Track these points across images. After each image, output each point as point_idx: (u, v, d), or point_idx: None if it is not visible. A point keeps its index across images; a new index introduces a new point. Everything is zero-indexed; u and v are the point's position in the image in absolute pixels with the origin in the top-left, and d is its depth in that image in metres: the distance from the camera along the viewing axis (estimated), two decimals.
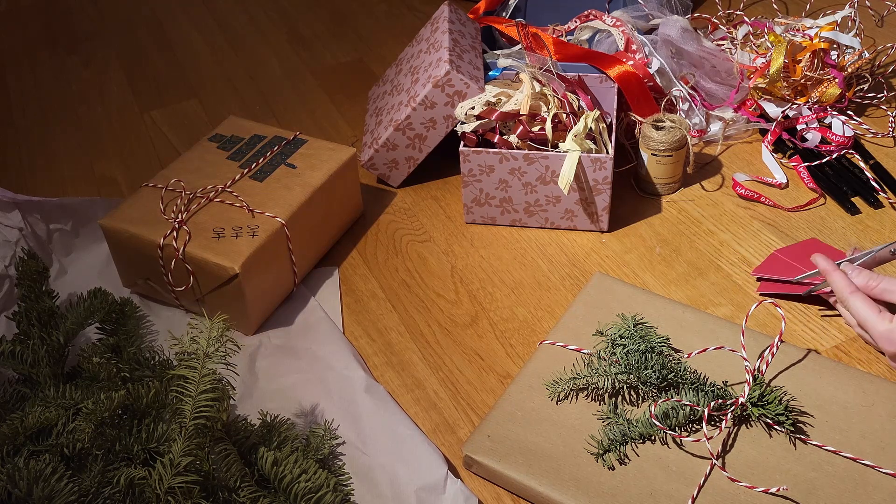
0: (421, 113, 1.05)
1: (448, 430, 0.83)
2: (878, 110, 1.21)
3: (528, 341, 0.92)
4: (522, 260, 1.02)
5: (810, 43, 1.14)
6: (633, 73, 1.11)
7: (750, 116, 1.16)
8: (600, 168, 0.97)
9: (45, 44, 1.57)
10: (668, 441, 0.76)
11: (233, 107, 1.35)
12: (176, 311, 0.97)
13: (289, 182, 0.98)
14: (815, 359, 0.83)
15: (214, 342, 0.70)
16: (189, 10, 1.66)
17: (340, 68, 1.43)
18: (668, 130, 1.04)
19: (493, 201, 1.04)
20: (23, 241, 1.00)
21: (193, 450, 0.67)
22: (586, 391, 0.80)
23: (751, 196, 1.07)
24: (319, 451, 0.77)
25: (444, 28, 1.11)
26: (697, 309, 0.90)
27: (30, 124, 1.35)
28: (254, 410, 0.83)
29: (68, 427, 0.71)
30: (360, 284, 1.01)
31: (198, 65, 1.48)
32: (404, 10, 1.60)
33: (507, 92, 1.05)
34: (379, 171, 1.13)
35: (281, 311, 0.96)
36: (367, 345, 0.93)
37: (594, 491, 0.72)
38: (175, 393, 0.69)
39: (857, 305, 0.83)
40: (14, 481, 0.64)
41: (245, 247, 0.89)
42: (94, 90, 1.43)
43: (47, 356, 0.82)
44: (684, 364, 0.80)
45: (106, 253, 1.02)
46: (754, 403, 0.75)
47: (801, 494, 0.72)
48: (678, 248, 1.02)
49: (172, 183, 0.97)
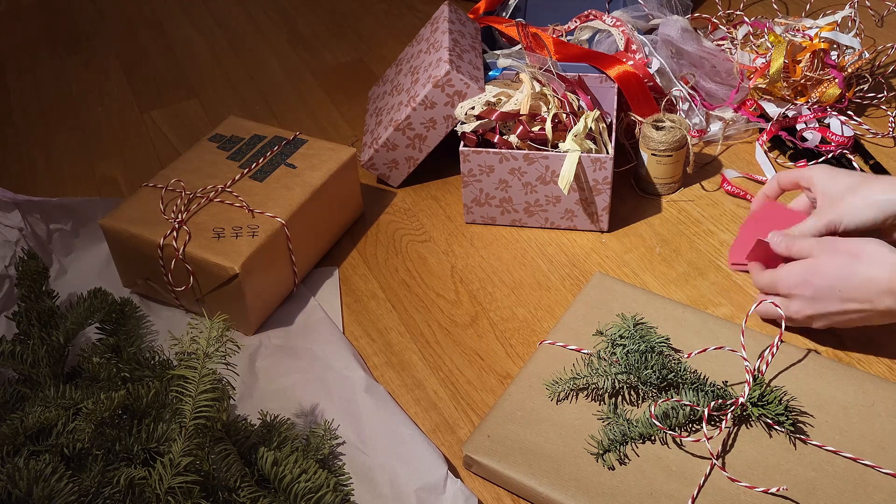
0: (421, 113, 1.05)
1: (448, 430, 0.83)
2: (878, 110, 1.21)
3: (528, 341, 0.92)
4: (522, 260, 1.02)
5: (810, 43, 1.14)
6: (633, 73, 1.11)
7: (750, 116, 1.16)
8: (600, 168, 0.97)
9: (45, 44, 1.57)
10: (668, 441, 0.76)
11: (233, 107, 1.35)
12: (176, 311, 0.97)
13: (289, 182, 0.98)
14: (815, 359, 0.83)
15: (214, 342, 0.70)
16: (189, 10, 1.66)
17: (340, 68, 1.43)
18: (668, 130, 1.04)
19: (493, 201, 1.04)
20: (23, 241, 1.00)
21: (193, 450, 0.67)
22: (586, 391, 0.81)
23: (738, 193, 1.07)
24: (319, 451, 0.77)
25: (444, 28, 1.11)
26: (697, 309, 0.90)
27: (30, 124, 1.35)
28: (254, 410, 0.83)
29: (68, 427, 0.71)
30: (360, 284, 1.01)
31: (198, 65, 1.48)
32: (404, 10, 1.60)
33: (507, 92, 1.05)
34: (379, 171, 1.13)
35: (281, 311, 0.96)
36: (367, 345, 0.93)
37: (594, 491, 0.72)
38: (175, 393, 0.69)
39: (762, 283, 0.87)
40: (14, 481, 0.64)
41: (245, 247, 0.89)
42: (94, 90, 1.43)
43: (47, 356, 0.82)
44: (684, 364, 0.80)
45: (106, 253, 1.02)
46: (754, 403, 0.75)
47: (801, 494, 0.72)
48: (678, 248, 1.02)
49: (172, 183, 0.97)
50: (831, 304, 0.81)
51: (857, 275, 0.78)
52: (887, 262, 0.77)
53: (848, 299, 0.79)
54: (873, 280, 0.77)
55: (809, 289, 0.81)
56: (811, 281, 0.81)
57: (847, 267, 0.79)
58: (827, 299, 0.81)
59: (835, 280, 0.79)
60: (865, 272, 0.78)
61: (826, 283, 0.80)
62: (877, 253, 0.78)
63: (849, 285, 0.79)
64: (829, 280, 0.80)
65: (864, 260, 0.78)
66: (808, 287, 0.81)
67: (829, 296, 0.80)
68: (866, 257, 0.78)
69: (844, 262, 0.79)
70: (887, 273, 0.77)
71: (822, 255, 0.81)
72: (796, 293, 0.83)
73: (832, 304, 0.81)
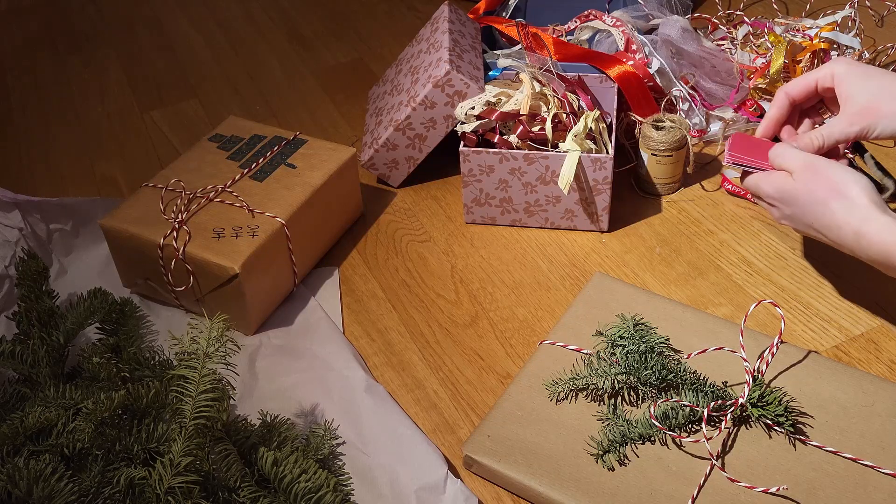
0: (421, 113, 1.05)
1: (448, 430, 0.83)
2: None
3: (528, 341, 0.92)
4: (522, 260, 1.02)
5: (810, 43, 1.14)
6: (633, 73, 1.11)
7: (750, 116, 1.16)
8: (600, 168, 0.97)
9: (45, 44, 1.57)
10: (667, 441, 0.76)
11: (233, 107, 1.35)
12: (176, 311, 0.97)
13: (289, 182, 0.98)
14: (815, 359, 0.83)
15: (214, 342, 0.70)
16: (189, 10, 1.66)
17: (340, 68, 1.43)
18: (668, 130, 1.04)
19: (493, 201, 1.04)
20: (23, 241, 1.00)
21: (193, 450, 0.67)
22: (586, 391, 0.81)
23: (738, 193, 1.07)
24: (319, 451, 0.77)
25: (444, 28, 1.11)
26: (697, 309, 0.90)
27: (30, 124, 1.35)
28: (254, 410, 0.83)
29: (68, 427, 0.71)
30: (360, 284, 1.01)
31: (198, 65, 1.48)
32: (404, 10, 1.60)
33: (507, 92, 1.05)
34: (379, 171, 1.13)
35: (281, 311, 0.96)
36: (367, 345, 0.93)
37: (594, 491, 0.72)
38: (175, 393, 0.69)
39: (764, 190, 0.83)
40: (14, 481, 0.64)
41: (245, 247, 0.89)
42: (94, 90, 1.43)
43: (47, 356, 0.82)
44: (684, 364, 0.80)
45: (106, 253, 1.02)
46: (754, 404, 0.75)
47: (801, 494, 0.72)
48: (678, 248, 1.02)
49: (172, 183, 0.97)
50: (803, 228, 0.81)
51: (829, 214, 0.76)
52: (858, 215, 0.74)
53: (817, 231, 0.79)
54: (842, 228, 0.76)
55: (786, 207, 0.81)
56: (787, 201, 0.80)
57: (821, 205, 0.77)
58: (802, 224, 0.81)
59: (808, 214, 0.78)
60: (837, 216, 0.76)
61: (799, 210, 0.79)
62: (856, 199, 0.75)
63: (820, 222, 0.78)
64: (802, 209, 0.79)
65: (840, 201, 0.76)
66: (784, 205, 0.81)
67: (804, 223, 0.80)
68: (844, 200, 0.75)
69: (820, 197, 0.77)
70: (853, 228, 0.75)
71: (802, 178, 0.78)
72: (774, 205, 0.83)
73: (803, 228, 0.81)
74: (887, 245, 0.73)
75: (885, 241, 0.73)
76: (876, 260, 0.75)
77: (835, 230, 0.77)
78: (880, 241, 0.74)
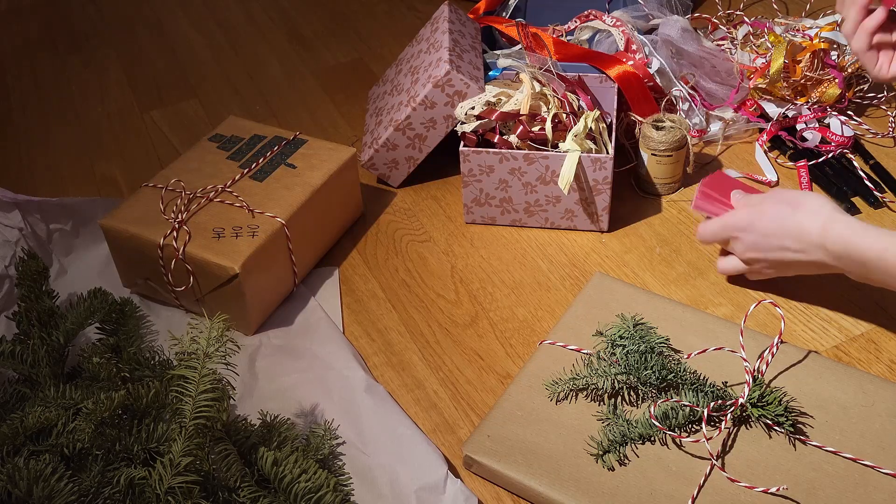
0: (421, 113, 1.05)
1: (448, 430, 0.83)
2: (878, 110, 1.21)
3: (528, 341, 0.92)
4: (522, 260, 1.02)
5: (810, 43, 1.14)
6: (633, 73, 1.11)
7: (750, 116, 1.16)
8: (600, 168, 0.97)
9: (45, 44, 1.57)
10: (667, 442, 0.76)
11: (233, 107, 1.35)
12: (176, 311, 0.97)
13: (289, 182, 0.98)
14: (815, 359, 0.83)
15: (214, 342, 0.70)
16: (189, 10, 1.66)
17: (340, 68, 1.43)
18: (668, 130, 1.04)
19: (493, 201, 1.04)
20: (23, 241, 1.00)
21: (193, 450, 0.67)
22: (586, 391, 0.81)
23: None
24: (319, 451, 0.77)
25: (444, 28, 1.11)
26: (697, 309, 0.90)
27: (30, 124, 1.35)
28: (254, 410, 0.83)
29: (68, 427, 0.71)
30: (360, 284, 1.01)
31: (198, 65, 1.48)
32: (404, 10, 1.60)
33: (507, 92, 1.05)
34: (379, 171, 1.13)
35: (281, 311, 0.96)
36: (367, 345, 0.93)
37: (594, 491, 0.72)
38: (175, 393, 0.69)
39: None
40: (14, 481, 0.64)
41: (245, 247, 0.89)
42: (94, 90, 1.43)
43: (47, 356, 0.82)
44: (684, 364, 0.80)
45: (106, 253, 1.02)
46: (754, 404, 0.75)
47: (801, 494, 0.72)
48: (678, 248, 1.02)
49: (172, 183, 0.97)
50: (770, 251, 0.86)
51: (793, 223, 0.83)
52: (822, 215, 0.81)
53: (784, 247, 0.84)
54: (806, 230, 0.82)
55: (753, 233, 0.86)
56: (755, 224, 0.86)
57: (786, 217, 0.83)
58: (766, 243, 0.85)
59: (775, 226, 0.84)
60: (800, 221, 0.82)
61: (767, 226, 0.85)
62: (816, 206, 0.82)
63: (785, 231, 0.83)
64: (769, 224, 0.85)
65: (802, 210, 0.82)
66: (751, 231, 0.86)
67: (768, 241, 0.85)
68: (805, 208, 0.82)
69: (784, 210, 0.84)
70: (819, 226, 0.80)
71: (767, 201, 0.86)
72: (741, 236, 0.88)
73: (771, 251, 0.85)
74: (847, 239, 0.78)
75: (848, 237, 0.78)
76: (839, 255, 0.80)
77: (799, 235, 0.82)
78: (847, 235, 0.79)
